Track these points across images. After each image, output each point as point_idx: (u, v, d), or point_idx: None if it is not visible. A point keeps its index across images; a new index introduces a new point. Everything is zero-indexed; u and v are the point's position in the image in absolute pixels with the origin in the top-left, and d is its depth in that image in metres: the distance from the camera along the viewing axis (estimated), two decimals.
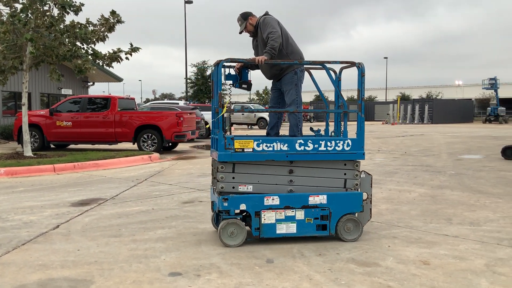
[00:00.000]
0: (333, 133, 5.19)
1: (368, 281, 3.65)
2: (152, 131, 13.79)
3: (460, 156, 13.36)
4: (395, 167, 10.68)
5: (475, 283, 3.61)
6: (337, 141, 4.66)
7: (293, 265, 3.99)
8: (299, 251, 4.37)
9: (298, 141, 4.60)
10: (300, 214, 4.60)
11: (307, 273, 3.81)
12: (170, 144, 15.02)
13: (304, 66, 5.29)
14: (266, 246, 4.50)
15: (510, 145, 12.74)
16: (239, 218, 4.58)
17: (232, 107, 4.73)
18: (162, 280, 3.65)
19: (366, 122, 4.97)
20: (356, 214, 4.77)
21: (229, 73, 5.10)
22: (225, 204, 4.47)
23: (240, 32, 5.41)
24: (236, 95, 57.21)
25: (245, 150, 4.50)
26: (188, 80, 38.02)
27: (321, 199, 4.63)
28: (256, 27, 5.29)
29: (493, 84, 50.22)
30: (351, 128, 4.88)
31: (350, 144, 4.68)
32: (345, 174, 4.74)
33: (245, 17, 5.32)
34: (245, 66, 5.18)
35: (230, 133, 4.73)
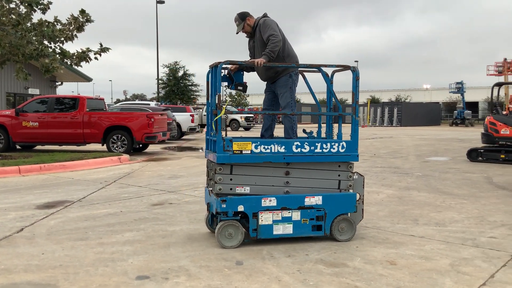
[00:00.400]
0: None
1: (336, 281, 3.68)
2: (122, 132, 13.57)
3: (427, 158, 13.66)
4: (364, 168, 10.83)
5: (440, 283, 3.69)
6: (332, 143, 4.75)
7: (262, 267, 3.99)
8: (268, 253, 4.38)
9: (295, 143, 4.66)
10: (296, 215, 4.65)
11: (276, 275, 3.81)
12: (141, 145, 14.84)
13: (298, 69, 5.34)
14: (236, 248, 4.49)
15: (475, 147, 13.11)
16: (237, 219, 4.59)
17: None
18: (129, 284, 3.60)
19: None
20: (349, 214, 4.85)
21: (224, 75, 5.08)
22: (223, 205, 4.48)
23: (237, 32, 5.38)
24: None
25: (243, 152, 4.53)
26: (160, 81, 37.64)
27: (316, 200, 4.70)
28: (254, 28, 5.27)
29: (460, 88, 51.57)
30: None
31: (345, 146, 4.77)
32: (339, 175, 4.83)
33: (243, 17, 5.28)
34: (240, 68, 5.17)
35: (226, 135, 4.72)
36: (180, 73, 38.62)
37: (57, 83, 27.67)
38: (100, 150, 13.94)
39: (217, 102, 4.52)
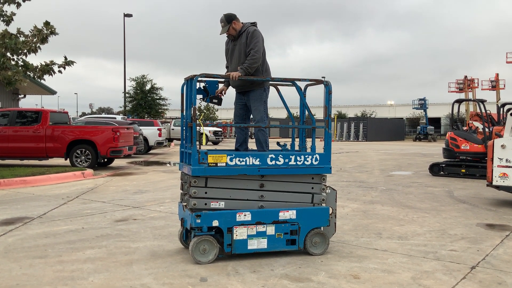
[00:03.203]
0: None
1: None
2: (86, 146, 13.30)
3: (391, 172, 13.94)
4: (331, 183, 10.92)
5: None
6: (306, 156, 4.81)
7: (227, 283, 3.96)
8: (233, 269, 4.34)
9: (270, 156, 4.69)
10: (270, 230, 4.67)
11: None
12: (106, 160, 14.56)
13: (270, 82, 5.37)
14: (200, 265, 4.43)
15: (437, 162, 13.47)
16: (211, 234, 4.55)
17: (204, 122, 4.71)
18: None
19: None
20: (322, 228, 4.89)
21: (199, 88, 5.05)
22: (198, 220, 4.44)
23: (221, 34, 5.35)
24: (177, 110, 56.53)
25: (218, 165, 4.52)
26: (127, 94, 37.14)
27: (290, 214, 4.73)
28: (240, 32, 5.26)
29: (423, 104, 53.13)
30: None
31: (318, 159, 4.84)
32: (312, 188, 4.89)
33: (229, 20, 5.25)
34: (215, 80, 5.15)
35: (200, 147, 4.69)
36: (148, 87, 38.26)
37: (20, 96, 26.94)
38: (63, 164, 13.61)
39: (192, 114, 4.51)
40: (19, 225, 6.12)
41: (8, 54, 11.23)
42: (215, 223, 4.51)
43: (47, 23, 11.38)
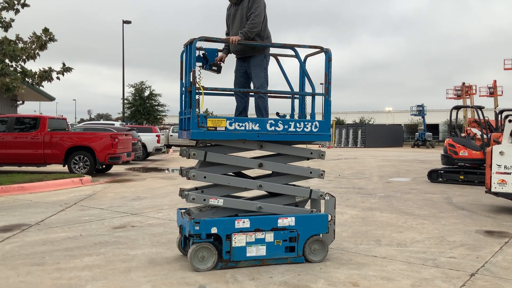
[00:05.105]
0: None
1: None
2: (84, 152, 13.29)
3: (390, 179, 13.93)
4: (329, 189, 10.92)
5: None
6: (306, 123, 4.83)
7: None
8: (232, 276, 4.33)
9: (269, 122, 4.70)
10: (269, 237, 4.66)
11: None
12: (104, 166, 14.54)
13: (271, 53, 5.37)
14: (199, 272, 4.42)
15: (436, 168, 13.48)
16: (210, 241, 4.53)
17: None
18: None
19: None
20: (321, 235, 4.89)
21: (199, 55, 4.98)
22: (197, 227, 4.43)
23: None
24: (175, 117, 56.39)
25: (217, 129, 4.51)
26: (126, 101, 37.15)
27: (289, 221, 4.73)
28: None
29: (421, 111, 53.21)
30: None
31: (318, 126, 4.85)
32: (311, 173, 4.92)
33: None
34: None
35: (200, 112, 4.65)
36: (146, 93, 38.30)
37: (18, 102, 26.92)
38: (61, 171, 13.58)
39: (191, 79, 4.46)
40: (17, 232, 6.09)
41: (7, 60, 11.23)
42: (214, 230, 4.49)
43: (46, 30, 11.39)
